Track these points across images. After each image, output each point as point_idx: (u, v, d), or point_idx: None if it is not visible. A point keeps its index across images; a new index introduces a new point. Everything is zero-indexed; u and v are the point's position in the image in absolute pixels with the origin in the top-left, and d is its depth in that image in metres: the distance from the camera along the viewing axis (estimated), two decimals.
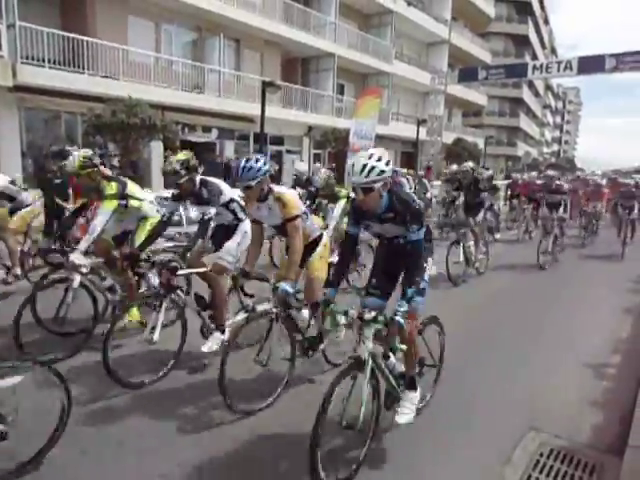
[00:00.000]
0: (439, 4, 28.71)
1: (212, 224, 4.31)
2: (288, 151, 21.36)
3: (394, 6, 23.93)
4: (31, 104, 12.50)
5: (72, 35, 12.50)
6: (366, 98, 15.04)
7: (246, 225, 4.04)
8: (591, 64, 19.80)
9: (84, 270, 4.08)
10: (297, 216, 3.42)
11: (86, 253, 4.09)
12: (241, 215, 4.13)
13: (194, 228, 4.80)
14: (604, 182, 13.29)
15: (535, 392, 3.76)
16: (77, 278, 4.01)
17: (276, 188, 3.47)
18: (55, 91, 12.32)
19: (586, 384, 3.95)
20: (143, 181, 14.39)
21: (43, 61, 11.99)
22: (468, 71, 24.82)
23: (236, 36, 17.89)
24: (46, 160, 7.11)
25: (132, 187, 4.50)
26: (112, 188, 4.22)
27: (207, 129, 17.10)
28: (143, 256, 4.13)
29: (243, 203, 4.07)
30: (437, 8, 28.54)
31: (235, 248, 4.02)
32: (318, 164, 11.08)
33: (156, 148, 14.32)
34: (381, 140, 24.36)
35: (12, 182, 6.29)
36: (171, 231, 7.81)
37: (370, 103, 14.99)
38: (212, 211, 4.07)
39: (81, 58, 12.69)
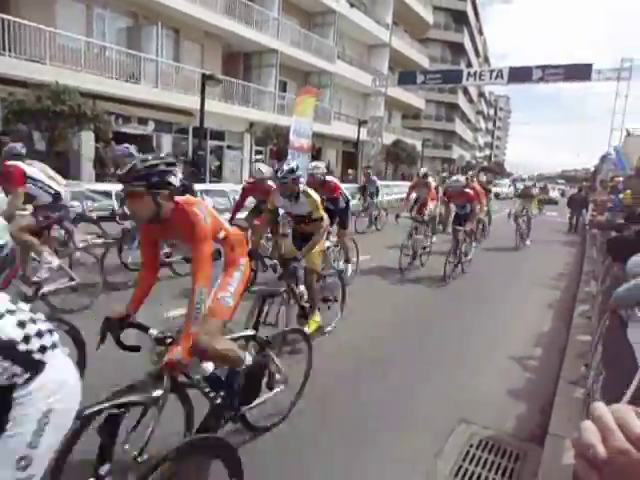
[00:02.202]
0: (381, 8, 29.33)
1: None
2: (229, 147, 20.96)
3: (337, 6, 24.12)
4: None
5: None
6: (303, 97, 15.06)
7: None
8: (520, 74, 21.06)
9: None
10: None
11: None
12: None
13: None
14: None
15: (464, 386, 3.91)
16: None
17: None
18: None
19: (511, 377, 4.16)
20: (70, 172, 13.59)
21: None
22: (407, 75, 25.58)
23: (175, 26, 17.28)
24: None
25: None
26: None
27: (143, 121, 16.38)
28: None
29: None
30: (379, 12, 29.13)
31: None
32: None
33: (87, 139, 13.54)
34: (323, 139, 24.55)
35: None
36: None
37: (307, 102, 15.03)
38: None
39: (2, 38, 11.71)
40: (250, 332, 2.95)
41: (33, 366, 1.48)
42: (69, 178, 10.46)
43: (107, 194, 8.41)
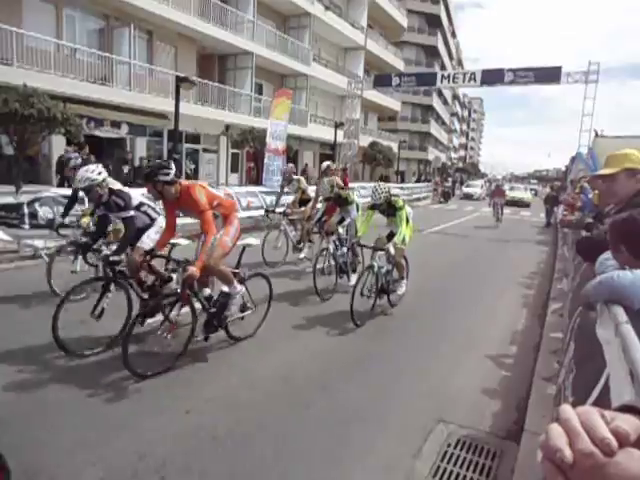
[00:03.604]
0: (356, 11, 29.54)
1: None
2: (205, 150, 20.77)
3: (312, 9, 24.18)
4: None
5: None
6: (279, 100, 15.08)
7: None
8: (492, 76, 21.47)
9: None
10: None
11: None
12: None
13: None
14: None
15: (442, 385, 3.95)
16: None
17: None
18: None
19: (487, 375, 4.22)
20: (40, 177, 13.24)
21: None
22: (383, 77, 25.79)
23: (148, 27, 17.05)
24: None
25: None
26: None
27: (116, 124, 16.09)
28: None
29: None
30: (354, 15, 29.33)
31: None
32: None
33: (57, 143, 13.22)
34: (300, 141, 24.55)
35: None
36: None
37: (283, 104, 15.05)
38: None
39: None
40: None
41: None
42: (40, 183, 10.19)
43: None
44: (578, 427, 0.52)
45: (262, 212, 13.41)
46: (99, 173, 4.32)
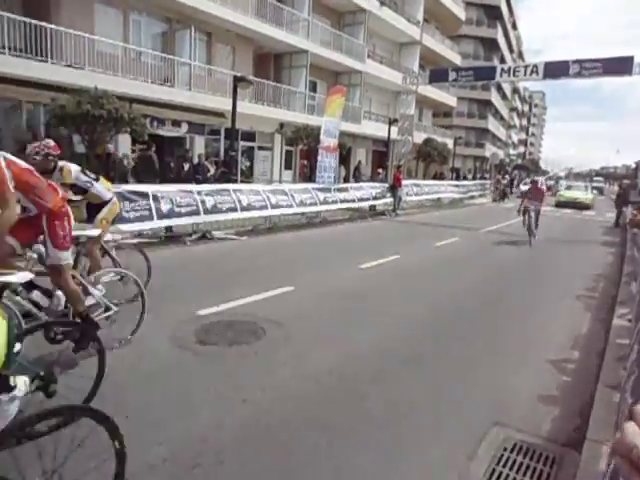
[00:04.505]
0: (411, 5, 29.04)
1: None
2: (260, 147, 21.20)
3: (367, 5, 24.04)
4: None
5: (34, 22, 12.00)
6: (333, 97, 15.14)
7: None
8: (556, 69, 20.42)
9: None
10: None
11: None
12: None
13: None
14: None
15: (498, 387, 3.86)
16: None
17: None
18: (16, 79, 11.80)
19: (547, 379, 4.07)
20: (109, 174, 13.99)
21: (3, 48, 11.48)
22: (439, 72, 25.18)
23: (207, 29, 17.60)
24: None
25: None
26: None
27: (177, 123, 16.75)
28: None
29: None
30: (409, 9, 28.86)
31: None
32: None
33: (124, 141, 13.96)
34: (353, 139, 24.52)
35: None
36: None
37: (336, 102, 15.10)
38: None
39: (44, 46, 12.20)
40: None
41: None
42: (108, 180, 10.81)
43: (144, 195, 8.68)
44: None
45: (317, 208, 13.59)
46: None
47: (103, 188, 4.98)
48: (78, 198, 4.78)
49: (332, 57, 22.65)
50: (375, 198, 17.08)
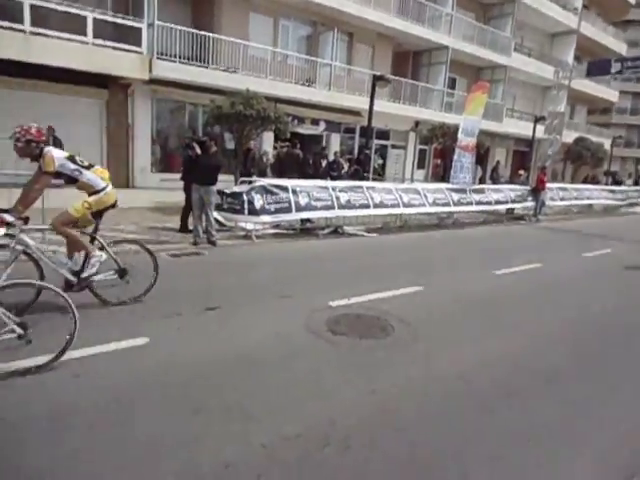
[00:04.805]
0: None
1: None
2: (393, 145, 21.18)
3: None
4: (161, 95, 13.77)
5: (201, 32, 13.51)
6: (475, 94, 14.41)
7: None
8: None
9: None
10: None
11: None
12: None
13: None
14: None
15: None
16: None
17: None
18: (182, 84, 13.44)
19: None
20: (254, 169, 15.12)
21: (175, 56, 13.13)
22: (599, 64, 22.55)
23: (350, 30, 18.04)
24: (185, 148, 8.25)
25: None
26: None
27: (315, 122, 17.52)
28: None
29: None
30: None
31: None
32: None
33: (268, 138, 15.06)
34: (493, 138, 23.19)
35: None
36: None
37: (479, 99, 14.35)
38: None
39: (206, 53, 13.68)
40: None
41: None
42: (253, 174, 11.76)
43: (284, 189, 9.34)
44: None
45: (450, 209, 13.21)
46: None
47: (95, 177, 4.63)
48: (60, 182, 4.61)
49: (474, 52, 21.62)
50: (514, 201, 15.99)
